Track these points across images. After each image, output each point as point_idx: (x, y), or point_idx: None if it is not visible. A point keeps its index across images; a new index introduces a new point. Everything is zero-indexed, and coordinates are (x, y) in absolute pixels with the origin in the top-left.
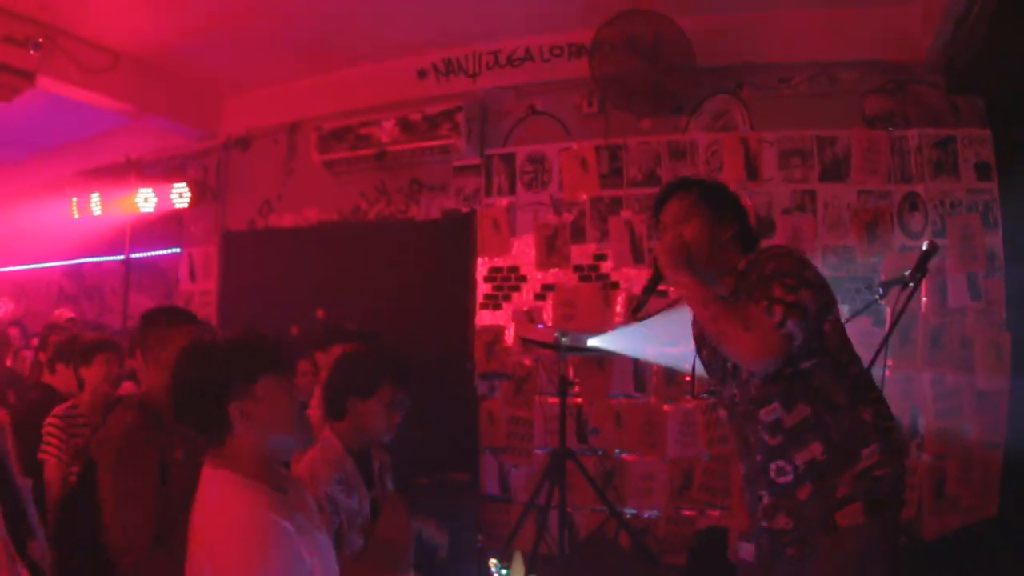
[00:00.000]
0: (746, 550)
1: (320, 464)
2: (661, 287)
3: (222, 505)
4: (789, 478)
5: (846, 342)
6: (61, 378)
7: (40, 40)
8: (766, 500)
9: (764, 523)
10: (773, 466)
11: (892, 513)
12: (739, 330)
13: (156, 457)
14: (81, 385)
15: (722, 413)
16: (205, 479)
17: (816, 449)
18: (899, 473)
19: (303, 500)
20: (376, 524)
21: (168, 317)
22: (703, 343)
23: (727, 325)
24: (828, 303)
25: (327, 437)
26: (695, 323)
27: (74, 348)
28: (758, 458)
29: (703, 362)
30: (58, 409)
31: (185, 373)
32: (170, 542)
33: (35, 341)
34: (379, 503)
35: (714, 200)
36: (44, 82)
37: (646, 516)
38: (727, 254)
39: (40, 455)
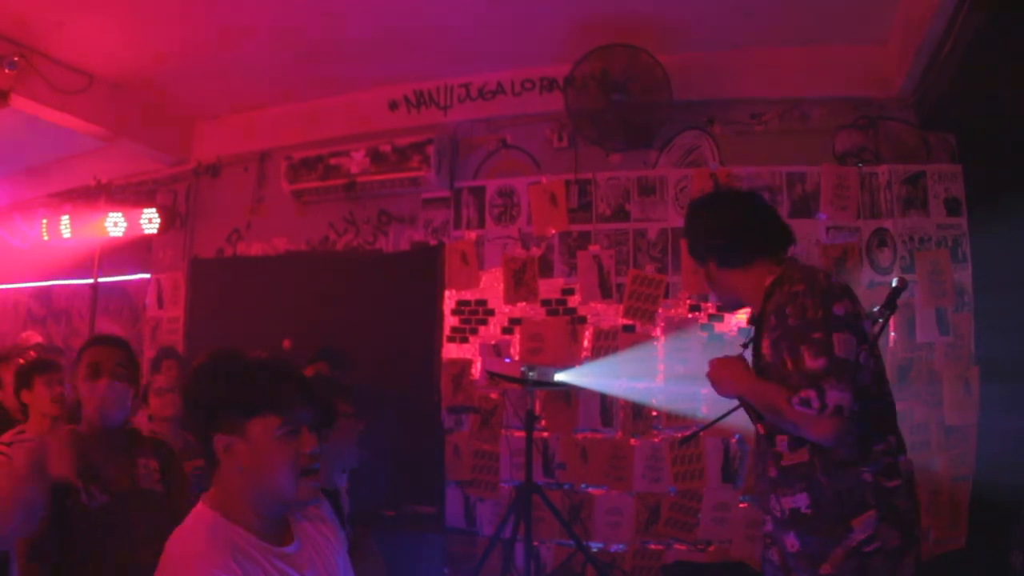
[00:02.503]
0: None
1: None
2: None
3: (185, 542)
4: (779, 516)
5: (880, 373)
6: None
7: (15, 59)
8: (768, 527)
9: (764, 549)
10: (772, 497)
11: None
12: (802, 424)
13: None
14: (25, 411)
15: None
16: (192, 511)
17: (802, 500)
18: (898, 544)
19: (316, 550)
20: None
21: (84, 343)
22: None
23: (789, 418)
24: (861, 332)
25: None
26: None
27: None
28: (764, 483)
29: None
30: (5, 436)
31: (191, 382)
32: None
33: None
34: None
35: (700, 251)
36: (18, 102)
37: (613, 550)
38: (753, 274)
39: None
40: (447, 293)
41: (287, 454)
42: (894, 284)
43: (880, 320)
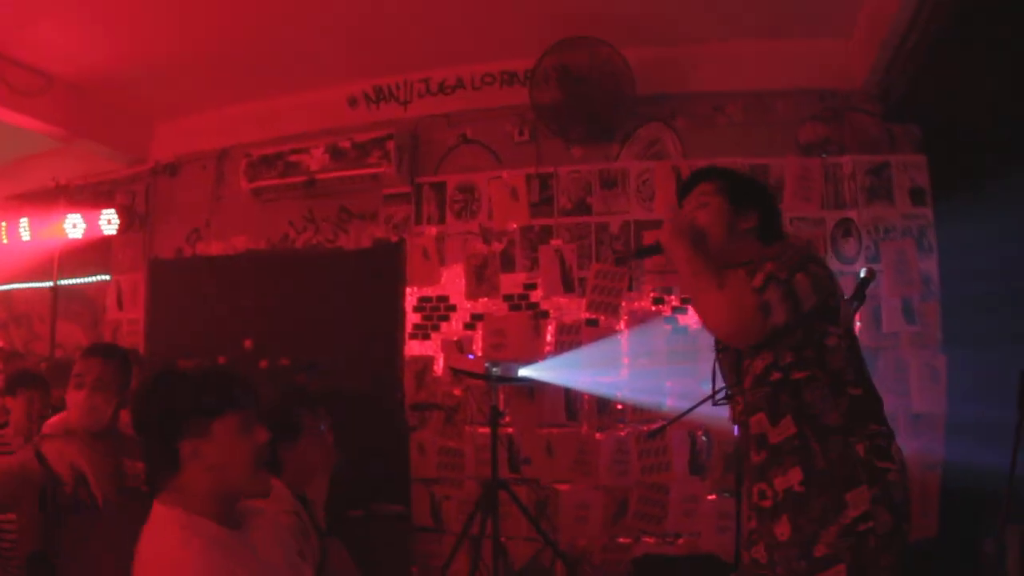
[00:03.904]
0: None
1: (280, 514)
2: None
3: (160, 543)
4: (768, 503)
5: (854, 363)
6: None
7: None
8: (752, 522)
9: (747, 547)
10: (756, 488)
11: (879, 573)
12: (712, 289)
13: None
14: (6, 413)
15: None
16: (153, 514)
17: (794, 477)
18: (891, 529)
19: (263, 534)
20: (323, 571)
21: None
22: (718, 349)
23: (703, 284)
24: (831, 310)
25: (276, 487)
26: None
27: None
28: (748, 477)
29: (721, 371)
30: None
31: (142, 404)
32: None
33: None
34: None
35: (734, 190)
36: None
37: (581, 545)
38: (743, 245)
39: None
40: (409, 290)
41: (248, 447)
42: (862, 275)
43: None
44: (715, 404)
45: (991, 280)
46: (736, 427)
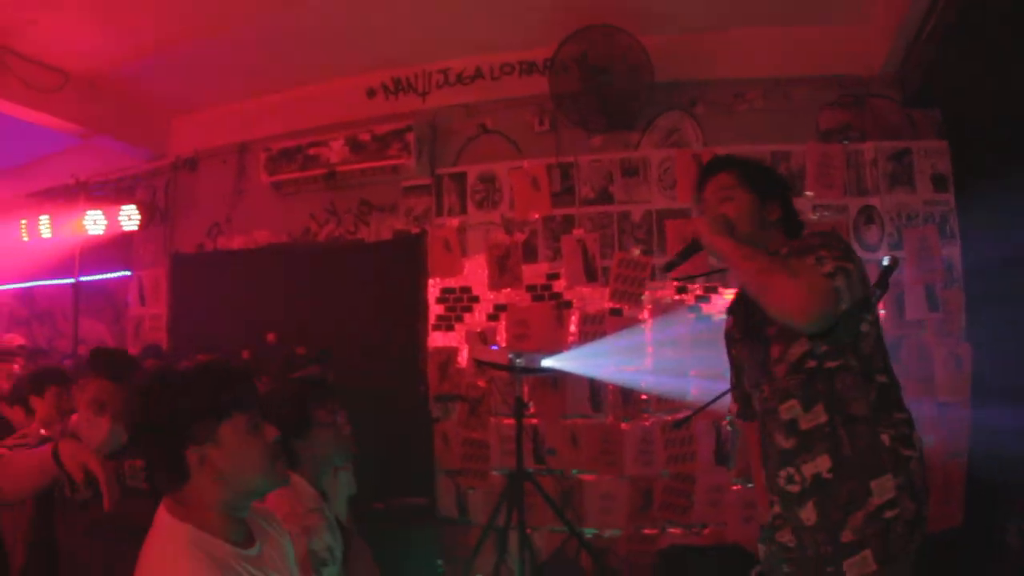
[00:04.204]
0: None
1: (307, 514)
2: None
3: (166, 557)
4: (796, 488)
5: (881, 349)
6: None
7: None
8: (776, 508)
9: (770, 532)
10: (783, 472)
11: (904, 561)
12: (785, 278)
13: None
14: (31, 413)
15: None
16: (159, 520)
17: (823, 464)
18: (914, 516)
19: (274, 551)
20: (346, 570)
21: (88, 363)
22: (734, 340)
23: (773, 275)
24: (866, 300)
25: (298, 482)
26: (729, 322)
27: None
28: (772, 462)
29: (735, 363)
30: (8, 440)
31: (141, 409)
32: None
33: None
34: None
35: (757, 181)
36: None
37: (607, 535)
38: (771, 236)
39: None
40: (431, 281)
41: (258, 448)
42: (885, 263)
43: (873, 299)
44: (734, 400)
45: (1014, 266)
46: (736, 416)
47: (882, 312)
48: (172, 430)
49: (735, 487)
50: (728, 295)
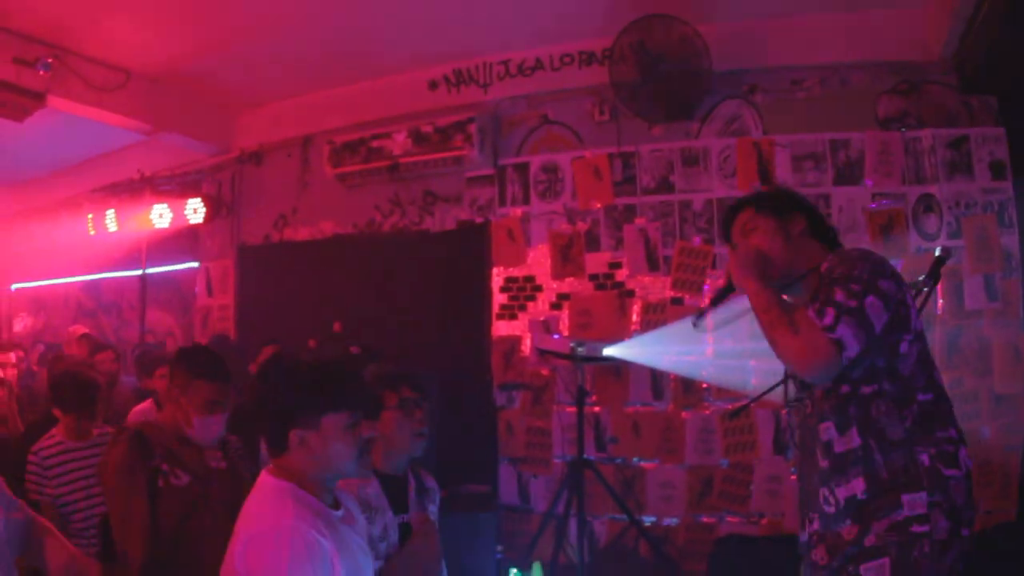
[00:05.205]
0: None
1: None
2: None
3: (269, 510)
4: (832, 509)
5: (926, 368)
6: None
7: (49, 60)
8: (815, 524)
9: (806, 550)
10: (822, 492)
11: None
12: (788, 335)
13: (144, 485)
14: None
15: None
16: (260, 483)
17: (858, 486)
18: (946, 536)
19: (353, 516)
20: (400, 551)
21: (190, 366)
22: None
23: (776, 331)
24: (903, 319)
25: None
26: None
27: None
28: (812, 480)
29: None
30: (36, 444)
31: (262, 386)
32: (163, 558)
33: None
34: (411, 529)
35: (771, 204)
36: (55, 102)
37: (665, 524)
38: (805, 250)
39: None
40: (495, 270)
41: (352, 442)
42: (937, 254)
43: (925, 290)
44: (787, 407)
45: None
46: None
47: (940, 302)
48: (283, 413)
49: (793, 477)
50: None
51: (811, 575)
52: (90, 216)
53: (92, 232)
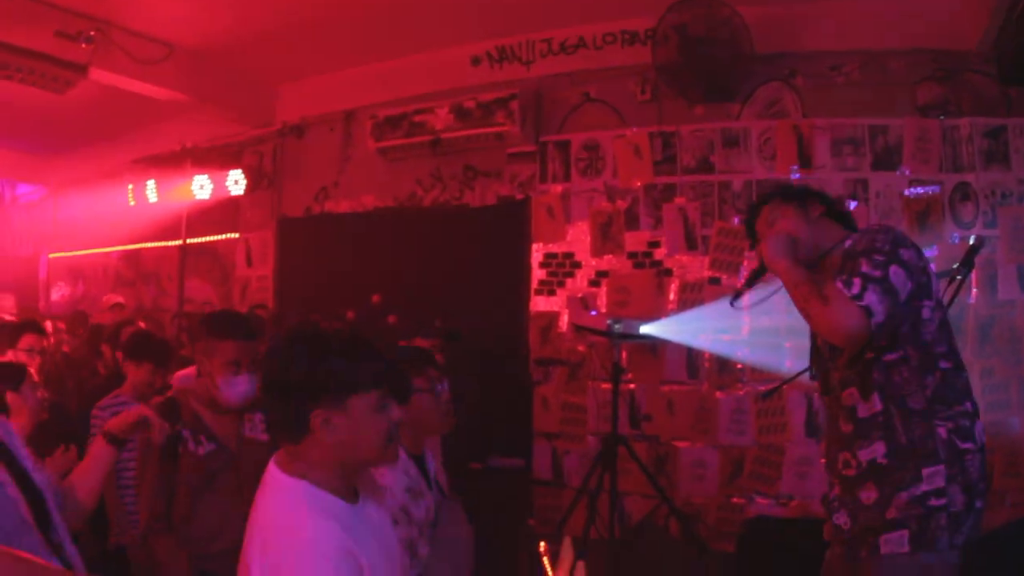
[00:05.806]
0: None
1: (387, 474)
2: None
3: (286, 517)
4: (852, 472)
5: (946, 336)
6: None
7: (92, 33)
8: (836, 490)
9: (828, 513)
10: (842, 456)
11: (944, 551)
12: (819, 305)
13: (157, 450)
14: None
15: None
16: (271, 477)
17: (879, 449)
18: (962, 508)
19: (375, 507)
20: (436, 530)
21: (210, 329)
22: None
23: (811, 302)
24: (924, 287)
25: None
26: None
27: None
28: (834, 445)
29: (813, 340)
30: (102, 401)
31: (278, 362)
32: (180, 525)
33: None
34: (439, 507)
35: (790, 193)
36: (97, 74)
37: (697, 503)
38: (826, 230)
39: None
40: (534, 246)
41: (382, 425)
42: (971, 242)
43: (958, 278)
44: (811, 378)
45: None
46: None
47: (974, 291)
48: (305, 390)
49: (823, 460)
50: None
51: (835, 536)
52: (130, 187)
53: (132, 202)
